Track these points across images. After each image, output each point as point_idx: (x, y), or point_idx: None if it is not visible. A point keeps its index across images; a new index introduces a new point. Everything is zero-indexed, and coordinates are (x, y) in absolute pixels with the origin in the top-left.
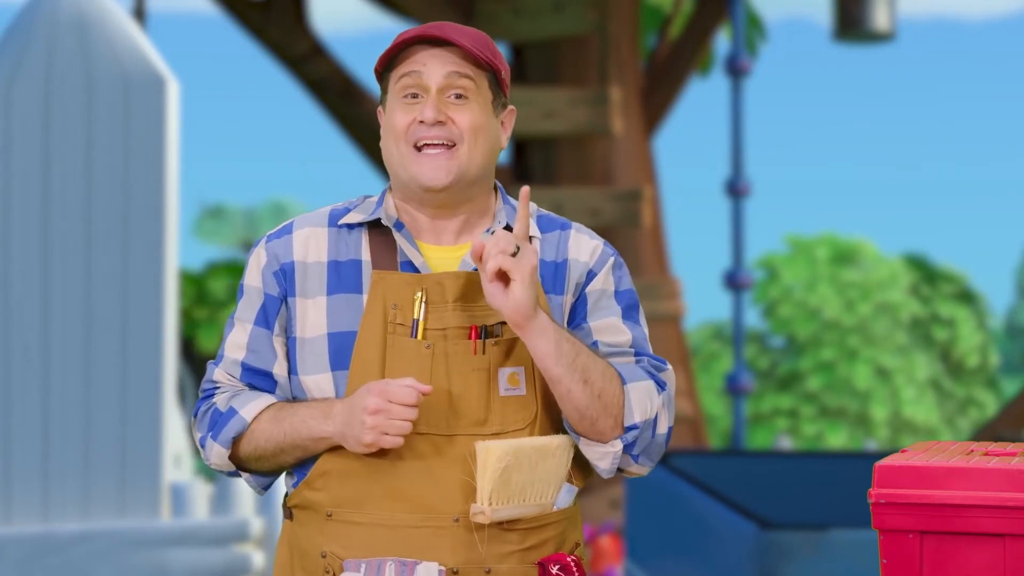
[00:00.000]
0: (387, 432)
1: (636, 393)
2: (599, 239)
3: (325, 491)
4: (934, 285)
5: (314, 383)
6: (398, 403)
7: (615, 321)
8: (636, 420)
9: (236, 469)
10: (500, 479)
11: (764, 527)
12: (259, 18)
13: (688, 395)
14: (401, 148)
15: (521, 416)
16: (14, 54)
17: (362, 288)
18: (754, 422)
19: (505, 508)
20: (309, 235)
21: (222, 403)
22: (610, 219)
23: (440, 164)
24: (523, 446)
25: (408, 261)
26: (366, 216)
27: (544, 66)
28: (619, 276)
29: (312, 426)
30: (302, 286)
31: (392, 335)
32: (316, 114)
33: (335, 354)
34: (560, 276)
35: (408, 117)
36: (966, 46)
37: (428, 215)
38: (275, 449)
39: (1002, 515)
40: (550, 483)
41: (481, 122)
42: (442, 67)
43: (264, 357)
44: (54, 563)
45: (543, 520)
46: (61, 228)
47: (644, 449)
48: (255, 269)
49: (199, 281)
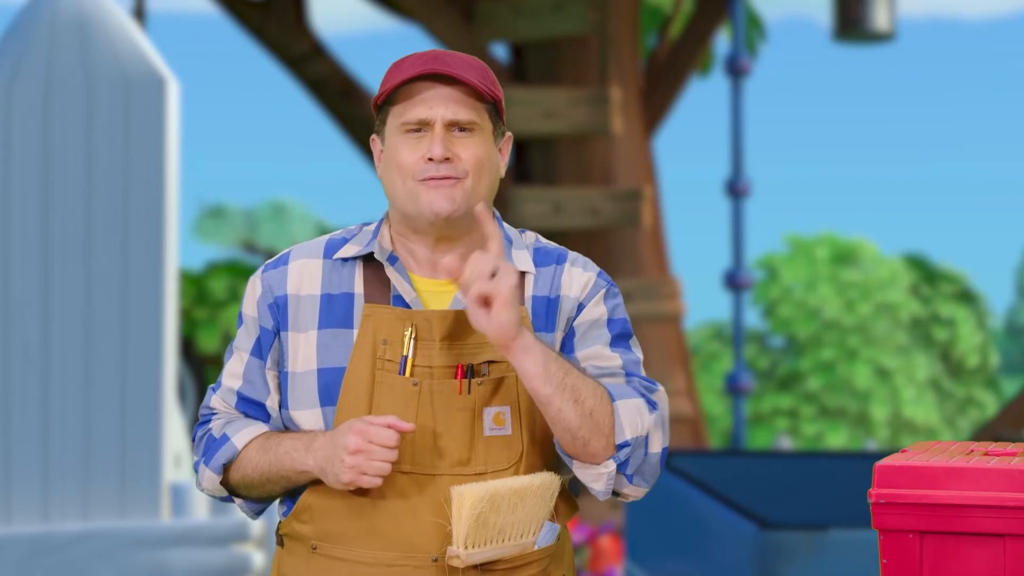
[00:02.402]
0: (366, 472)
1: (626, 410)
2: (594, 270)
3: (310, 524)
4: (934, 285)
5: (303, 419)
6: (378, 444)
7: (602, 349)
8: (627, 437)
9: (228, 495)
10: (475, 523)
11: (764, 527)
12: (259, 18)
13: (688, 395)
14: (408, 184)
15: (506, 456)
16: (14, 54)
17: (353, 323)
18: (754, 422)
19: (481, 551)
20: (303, 267)
21: (216, 429)
22: (610, 219)
23: (445, 194)
24: (499, 489)
25: (400, 295)
26: (361, 249)
27: (544, 66)
28: (612, 305)
29: (295, 458)
30: (294, 320)
31: (380, 371)
32: (316, 114)
33: (324, 390)
34: (552, 313)
35: (415, 154)
36: (966, 46)
37: (428, 246)
38: (261, 479)
39: (1002, 515)
40: (531, 523)
41: (485, 155)
42: (447, 103)
43: (258, 389)
44: (54, 563)
45: (523, 559)
46: (61, 228)
47: (638, 468)
48: (251, 300)
49: (199, 281)
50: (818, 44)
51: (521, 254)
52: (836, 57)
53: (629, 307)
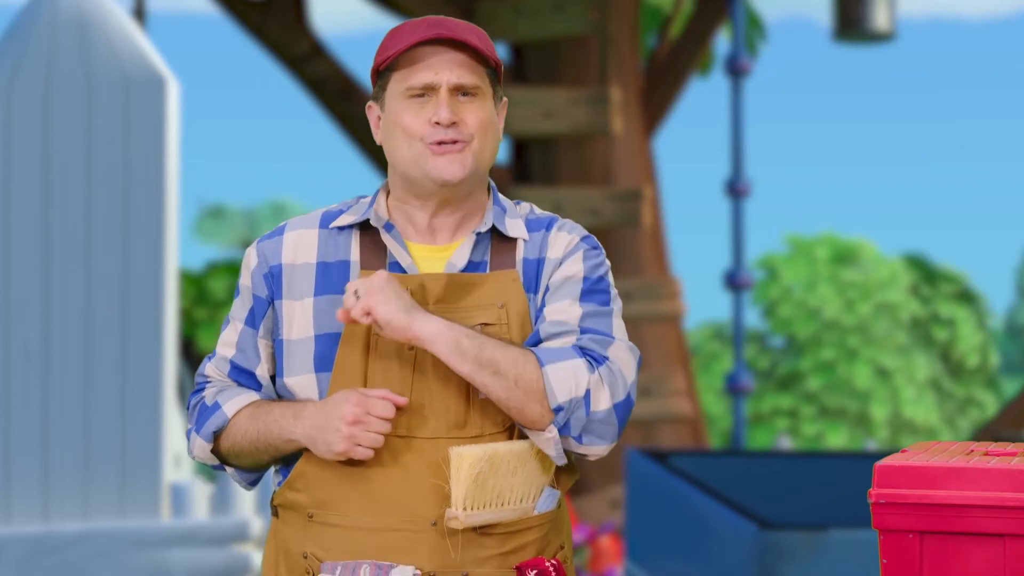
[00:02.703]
0: (360, 443)
1: (556, 373)
2: (579, 233)
3: (306, 492)
4: (934, 285)
5: (297, 384)
6: (376, 415)
7: (568, 304)
8: (560, 401)
9: (220, 463)
10: (474, 484)
11: (764, 527)
12: (259, 18)
13: (688, 395)
14: (415, 147)
15: (500, 419)
16: (14, 54)
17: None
18: (754, 422)
19: (480, 513)
20: (299, 237)
21: (209, 398)
22: (610, 219)
23: (455, 159)
24: (499, 451)
25: (396, 262)
26: (357, 217)
27: (544, 66)
28: (590, 265)
29: (283, 426)
30: (289, 288)
31: (376, 337)
32: (316, 114)
33: (319, 356)
34: (539, 274)
35: (420, 118)
36: (966, 46)
37: (428, 212)
38: (250, 447)
39: (1002, 515)
40: (530, 487)
41: (489, 119)
42: (452, 68)
43: (249, 357)
44: (54, 563)
45: (523, 524)
46: (61, 228)
47: (584, 428)
48: (247, 270)
49: (199, 281)
50: (818, 44)
51: (515, 222)
52: (836, 57)
53: (629, 307)
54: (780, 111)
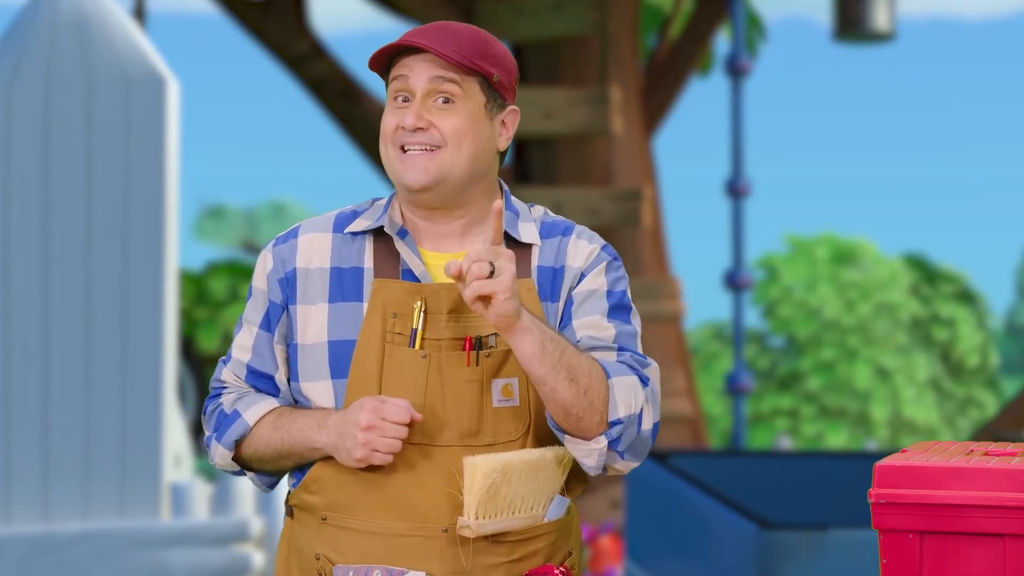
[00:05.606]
0: (378, 449)
1: (621, 388)
2: (599, 243)
3: (320, 495)
4: (934, 285)
5: (312, 390)
6: (391, 421)
7: (598, 319)
8: (620, 415)
9: (240, 469)
10: (487, 495)
11: (764, 527)
12: (259, 18)
13: (688, 395)
14: (389, 150)
15: (514, 427)
16: (14, 54)
17: (363, 296)
18: (754, 422)
19: (492, 522)
20: (313, 241)
21: (228, 404)
22: (610, 219)
23: (419, 164)
24: (512, 461)
25: (409, 269)
26: (371, 223)
27: (544, 66)
28: (613, 278)
29: (308, 435)
30: (303, 293)
31: (391, 344)
32: (316, 114)
33: (334, 362)
34: (557, 283)
35: (395, 121)
36: (966, 46)
37: (423, 219)
38: (274, 454)
39: (1002, 515)
40: (541, 496)
41: (465, 127)
42: (426, 72)
43: (266, 362)
44: (54, 563)
45: (533, 532)
46: (61, 228)
47: (629, 445)
48: (262, 273)
49: (199, 281)
50: (818, 44)
51: (527, 227)
52: (836, 57)
53: None
54: (780, 111)
